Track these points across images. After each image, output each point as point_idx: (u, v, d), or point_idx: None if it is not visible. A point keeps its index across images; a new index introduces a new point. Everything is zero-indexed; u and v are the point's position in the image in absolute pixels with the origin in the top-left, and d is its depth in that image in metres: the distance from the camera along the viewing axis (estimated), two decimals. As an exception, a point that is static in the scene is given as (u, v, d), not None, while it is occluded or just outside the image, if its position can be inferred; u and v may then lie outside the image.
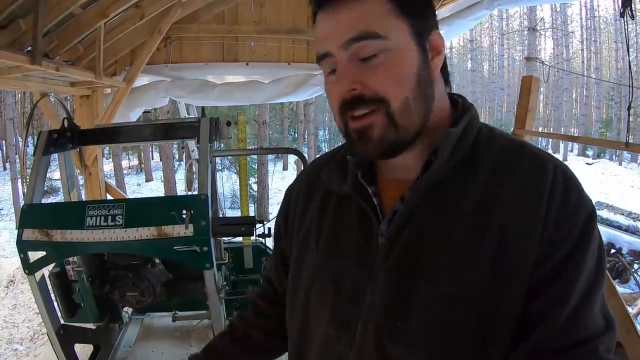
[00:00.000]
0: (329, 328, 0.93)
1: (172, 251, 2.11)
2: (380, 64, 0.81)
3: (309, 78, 5.14)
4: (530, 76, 3.91)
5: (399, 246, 0.86)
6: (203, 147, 2.33)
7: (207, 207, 2.13)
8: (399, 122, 0.83)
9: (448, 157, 0.84)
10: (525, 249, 0.77)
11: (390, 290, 0.85)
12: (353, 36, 0.80)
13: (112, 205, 2.20)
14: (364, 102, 0.82)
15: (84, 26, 3.53)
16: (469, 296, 0.79)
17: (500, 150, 0.87)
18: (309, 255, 1.01)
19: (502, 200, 0.81)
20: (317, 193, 1.05)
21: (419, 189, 0.86)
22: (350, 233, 0.94)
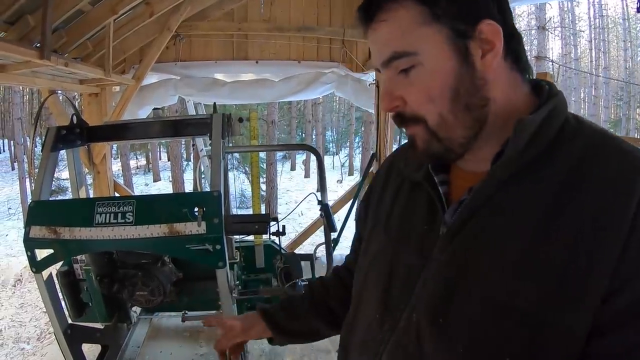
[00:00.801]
0: (377, 310, 0.93)
1: (184, 249, 2.06)
2: (416, 79, 0.80)
3: (319, 76, 5.12)
4: (545, 73, 3.84)
5: (459, 240, 0.81)
6: (216, 143, 2.28)
7: (220, 204, 2.07)
8: (440, 135, 0.81)
9: (523, 148, 0.77)
10: (597, 273, 0.67)
11: (441, 284, 0.81)
12: (385, 59, 0.82)
13: (122, 202, 2.14)
14: (404, 119, 0.84)
15: (93, 23, 3.53)
16: (523, 309, 0.71)
17: (585, 147, 0.76)
18: (376, 236, 1.02)
19: (577, 210, 0.71)
20: (395, 178, 1.06)
21: (488, 182, 0.79)
22: (416, 219, 0.92)
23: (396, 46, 0.79)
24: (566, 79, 30.85)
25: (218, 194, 2.09)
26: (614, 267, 0.66)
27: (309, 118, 22.02)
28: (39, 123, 3.80)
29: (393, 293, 0.90)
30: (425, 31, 0.78)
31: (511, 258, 0.73)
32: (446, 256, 0.82)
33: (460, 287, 0.78)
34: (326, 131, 29.70)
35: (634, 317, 0.66)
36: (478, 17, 0.78)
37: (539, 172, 0.76)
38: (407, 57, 0.79)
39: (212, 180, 2.15)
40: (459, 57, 0.78)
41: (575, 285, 0.68)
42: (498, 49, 0.79)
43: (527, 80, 0.86)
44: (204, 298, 2.70)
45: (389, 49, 0.80)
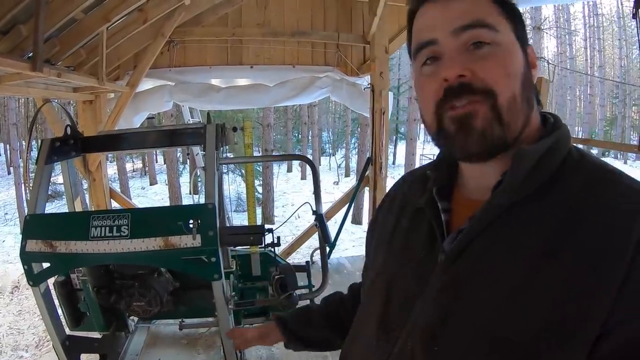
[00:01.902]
0: (375, 331, 0.92)
1: (180, 262, 2.06)
2: (492, 55, 0.78)
3: (314, 80, 5.13)
4: (541, 77, 3.84)
5: (456, 268, 0.80)
6: (209, 154, 2.27)
7: (214, 217, 2.07)
8: (505, 118, 0.77)
9: (523, 179, 0.77)
10: (591, 311, 0.66)
11: (436, 311, 0.80)
12: (468, 23, 0.78)
13: (117, 216, 2.14)
14: (471, 91, 0.77)
15: (86, 31, 3.51)
16: (514, 338, 0.70)
17: (586, 181, 0.76)
18: (378, 258, 1.03)
19: (575, 243, 0.70)
20: (400, 202, 1.06)
21: (488, 211, 0.79)
22: (416, 245, 0.92)
23: (483, 16, 0.79)
24: (562, 77, 30.95)
25: (212, 207, 2.09)
26: (609, 307, 0.64)
27: (305, 120, 22.00)
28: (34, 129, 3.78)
29: (390, 317, 0.89)
30: (502, 21, 0.80)
31: (506, 289, 0.73)
32: (442, 284, 0.81)
33: (454, 315, 0.77)
34: (322, 132, 29.68)
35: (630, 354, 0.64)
36: (526, 40, 0.84)
37: (539, 205, 0.76)
38: (490, 30, 0.78)
39: (206, 191, 2.14)
40: (523, 55, 0.82)
41: (570, 321, 0.67)
42: (537, 70, 0.85)
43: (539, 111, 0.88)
44: (201, 306, 2.69)
45: (474, 15, 0.78)
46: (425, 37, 0.82)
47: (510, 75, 0.78)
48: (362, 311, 1.04)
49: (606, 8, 33.63)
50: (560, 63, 29.07)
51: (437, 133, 0.84)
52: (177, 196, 14.68)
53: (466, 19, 0.78)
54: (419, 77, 0.85)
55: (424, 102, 0.85)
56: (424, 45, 0.82)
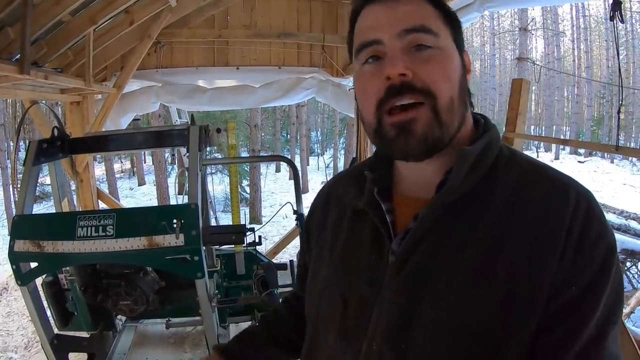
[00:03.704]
0: (336, 341, 0.92)
1: (163, 261, 2.11)
2: (432, 58, 0.81)
3: (299, 82, 5.15)
4: (521, 79, 3.91)
5: (409, 266, 0.83)
6: (192, 155, 2.31)
7: (197, 217, 2.12)
8: (443, 119, 0.81)
9: (464, 178, 0.82)
10: (539, 282, 0.74)
11: (397, 310, 0.83)
12: (412, 27, 0.81)
13: (102, 216, 2.18)
14: (413, 90, 0.80)
15: (73, 33, 3.52)
16: (476, 326, 0.76)
17: (519, 175, 0.84)
18: (322, 268, 1.01)
19: (517, 230, 0.78)
20: (335, 207, 1.06)
21: (433, 209, 0.83)
22: (362, 249, 0.93)
23: (426, 21, 0.82)
24: (549, 78, 31.13)
25: (195, 207, 2.13)
26: (553, 276, 0.74)
27: (293, 120, 21.96)
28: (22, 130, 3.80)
29: (350, 324, 0.90)
30: (442, 26, 0.84)
31: (460, 280, 0.78)
32: (397, 284, 0.84)
33: (414, 312, 0.81)
34: (311, 132, 29.63)
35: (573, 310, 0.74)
36: (462, 45, 0.89)
37: (480, 199, 0.82)
38: (433, 35, 0.82)
39: (189, 192, 2.19)
40: (460, 60, 0.87)
41: (523, 299, 0.74)
42: (470, 76, 0.90)
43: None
44: (187, 305, 2.72)
45: (418, 20, 0.81)
46: (370, 36, 0.84)
47: (449, 79, 0.82)
48: (316, 324, 1.01)
49: (594, 9, 33.87)
50: (547, 64, 29.22)
51: (376, 133, 0.86)
52: (165, 196, 14.60)
53: (410, 22, 0.81)
54: (360, 75, 0.88)
55: (365, 100, 0.87)
56: (367, 45, 0.84)
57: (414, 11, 0.82)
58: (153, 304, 2.65)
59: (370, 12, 0.86)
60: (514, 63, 30.15)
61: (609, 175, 22.56)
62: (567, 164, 25.93)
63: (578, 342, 0.74)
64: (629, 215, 8.99)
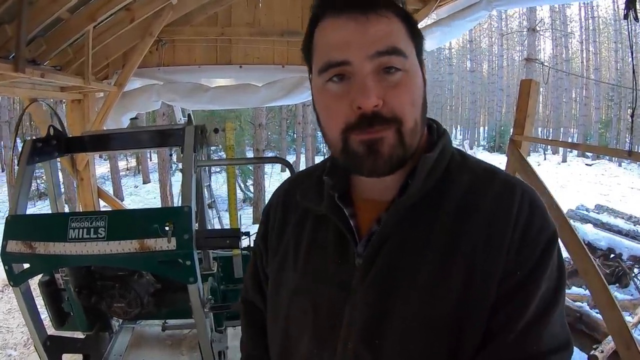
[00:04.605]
0: (311, 346, 0.94)
1: (155, 265, 2.07)
2: (401, 83, 0.82)
3: (303, 81, 5.09)
4: (530, 80, 3.80)
5: (376, 267, 0.87)
6: (187, 156, 2.27)
7: (190, 220, 2.07)
8: (406, 142, 0.84)
9: (423, 181, 0.87)
10: (492, 272, 0.81)
11: (368, 310, 0.86)
12: (384, 49, 0.80)
13: (94, 217, 2.14)
14: (381, 120, 0.81)
15: (73, 30, 3.48)
16: (441, 316, 0.82)
17: (471, 178, 0.90)
18: (287, 277, 1.01)
19: (471, 227, 0.84)
20: (293, 212, 1.06)
21: (396, 212, 0.88)
22: (327, 254, 0.95)
23: (397, 42, 0.82)
24: (557, 79, 31.01)
25: (189, 209, 2.09)
26: (503, 261, 0.81)
27: (299, 119, 21.91)
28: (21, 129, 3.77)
29: (323, 327, 0.92)
30: (409, 44, 0.85)
31: (424, 277, 0.84)
32: (366, 285, 0.88)
33: (385, 311, 0.85)
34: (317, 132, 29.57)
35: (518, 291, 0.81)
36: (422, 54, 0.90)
37: (436, 201, 0.88)
38: (403, 57, 0.82)
39: (183, 194, 2.14)
40: (422, 76, 0.89)
41: (479, 292, 0.81)
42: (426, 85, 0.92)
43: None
44: (183, 308, 2.67)
45: (390, 42, 0.81)
46: (338, 56, 0.82)
47: (414, 104, 0.84)
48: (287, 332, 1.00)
49: (602, 11, 33.72)
50: (555, 65, 29.11)
51: (342, 151, 0.86)
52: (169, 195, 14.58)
53: (382, 44, 0.80)
54: (324, 93, 0.86)
55: (329, 120, 0.87)
56: (335, 65, 0.83)
57: (385, 31, 0.81)
58: (148, 307, 2.61)
59: (337, 27, 0.83)
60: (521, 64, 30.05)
61: (617, 178, 22.44)
62: (575, 166, 25.85)
63: (523, 319, 0.80)
64: (638, 221, 8.85)
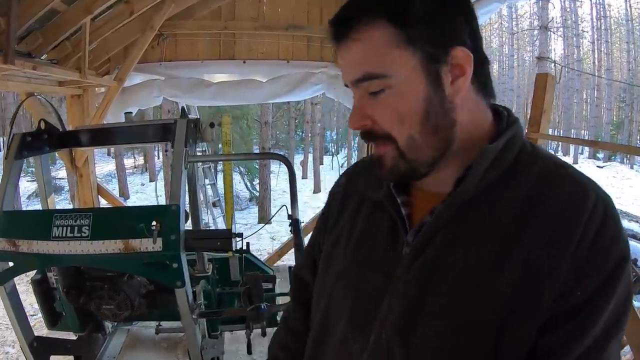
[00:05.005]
0: (346, 329, 0.94)
1: (140, 267, 1.96)
2: (386, 101, 0.81)
3: (309, 76, 5.00)
4: (546, 74, 3.65)
5: (422, 259, 0.84)
6: (177, 151, 2.14)
7: (178, 219, 1.95)
8: (407, 156, 0.83)
9: (482, 174, 0.82)
10: (549, 282, 0.74)
11: (406, 303, 0.84)
12: (357, 77, 0.82)
13: (79, 215, 2.03)
14: (374, 137, 0.85)
15: (69, 23, 3.40)
16: (484, 322, 0.77)
17: (539, 174, 0.82)
18: (337, 257, 1.01)
19: (532, 229, 0.77)
20: (353, 197, 1.06)
21: (450, 205, 0.84)
22: (377, 240, 0.94)
23: (368, 67, 0.80)
24: (568, 80, 30.72)
25: (177, 208, 1.97)
26: (562, 276, 0.74)
27: (307, 118, 21.84)
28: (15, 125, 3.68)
29: (360, 313, 0.91)
30: (398, 54, 0.79)
31: (473, 274, 0.79)
32: (410, 276, 0.85)
33: (425, 304, 0.82)
34: (326, 131, 29.52)
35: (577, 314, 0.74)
36: (451, 42, 0.80)
37: (498, 196, 0.82)
38: (379, 79, 0.80)
39: (172, 192, 2.02)
40: (429, 81, 0.80)
41: (531, 299, 0.75)
42: (468, 75, 0.81)
43: (489, 106, 0.90)
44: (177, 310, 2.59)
45: (361, 70, 0.81)
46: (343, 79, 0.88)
47: (403, 121, 0.81)
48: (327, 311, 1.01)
49: (614, 11, 33.38)
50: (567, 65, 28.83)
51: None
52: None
53: (356, 73, 0.82)
54: None
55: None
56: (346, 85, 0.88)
57: (358, 56, 0.81)
58: (140, 309, 2.51)
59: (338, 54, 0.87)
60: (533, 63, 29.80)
61: (629, 181, 22.26)
62: (586, 168, 25.59)
63: (578, 347, 0.74)
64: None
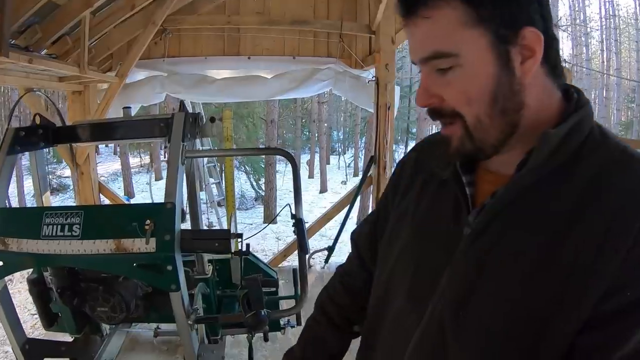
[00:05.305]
0: (405, 300, 0.97)
1: (132, 269, 1.85)
2: (454, 80, 0.81)
3: (315, 73, 4.91)
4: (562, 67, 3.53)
5: (481, 241, 0.85)
6: (174, 146, 2.01)
7: (173, 219, 1.82)
8: (474, 136, 0.83)
9: (545, 159, 0.80)
10: (598, 278, 0.72)
11: (461, 280, 0.86)
12: (425, 56, 0.82)
13: (70, 213, 1.92)
14: (442, 115, 0.85)
15: (68, 16, 3.37)
16: (530, 311, 0.77)
17: (604, 162, 0.80)
18: (402, 230, 1.04)
19: (589, 219, 0.76)
20: (422, 173, 1.07)
21: (510, 189, 0.83)
22: (442, 217, 0.95)
23: (438, 45, 0.80)
24: (577, 80, 30.42)
25: (172, 206, 1.84)
26: (613, 272, 0.71)
27: (314, 117, 21.73)
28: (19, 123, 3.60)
29: (420, 286, 0.94)
30: (468, 33, 0.79)
31: (527, 262, 0.78)
32: (467, 256, 0.86)
33: (478, 284, 0.83)
34: (333, 131, 29.40)
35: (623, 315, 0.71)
36: (521, 23, 0.79)
37: (559, 182, 0.81)
38: (448, 57, 0.80)
39: (167, 189, 1.90)
40: (499, 62, 0.80)
41: (578, 290, 0.73)
42: (538, 56, 0.80)
43: (559, 87, 0.87)
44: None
45: (431, 47, 0.81)
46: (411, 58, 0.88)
47: (471, 100, 0.81)
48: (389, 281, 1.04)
49: (623, 10, 33.11)
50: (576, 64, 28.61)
51: None
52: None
53: (423, 51, 0.82)
54: None
55: None
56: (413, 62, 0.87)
57: (427, 34, 0.81)
58: (136, 311, 2.40)
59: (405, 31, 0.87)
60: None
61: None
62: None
63: (620, 350, 0.71)
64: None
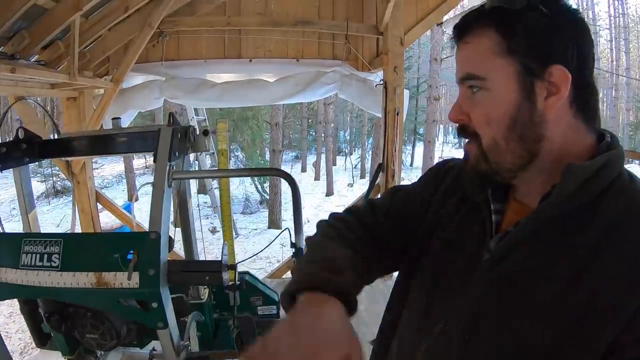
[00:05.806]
0: (417, 314, 0.99)
1: (116, 305, 1.67)
2: (480, 101, 0.86)
3: (319, 76, 4.73)
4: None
5: (497, 270, 0.86)
6: (160, 166, 1.80)
7: (157, 250, 1.63)
8: (489, 157, 0.87)
9: (570, 195, 0.80)
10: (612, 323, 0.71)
11: (473, 307, 0.86)
12: (461, 76, 0.88)
13: (49, 242, 1.74)
14: (466, 132, 0.90)
15: (57, 21, 3.21)
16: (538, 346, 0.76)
17: (629, 205, 0.80)
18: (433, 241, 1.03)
19: (608, 262, 0.75)
20: (456, 193, 1.05)
21: (533, 220, 0.84)
22: (467, 239, 0.96)
23: (470, 68, 0.86)
24: (585, 78, 30.24)
25: (157, 237, 1.64)
26: (626, 322, 0.70)
27: (320, 118, 21.53)
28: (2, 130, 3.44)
29: (434, 302, 0.95)
30: (498, 61, 0.83)
31: (539, 298, 0.78)
32: (482, 283, 0.87)
33: (487, 314, 0.83)
34: (340, 132, 29.19)
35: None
36: (550, 59, 0.81)
37: (582, 221, 0.80)
38: (477, 80, 0.85)
39: (151, 216, 1.70)
40: (522, 92, 0.83)
41: (591, 331, 0.72)
42: (562, 94, 0.82)
43: (592, 130, 0.87)
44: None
45: (465, 69, 0.87)
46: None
47: (490, 122, 0.85)
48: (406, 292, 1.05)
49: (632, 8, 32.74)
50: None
51: None
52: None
53: (461, 72, 0.88)
54: None
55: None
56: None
57: (467, 57, 0.87)
58: (128, 336, 2.24)
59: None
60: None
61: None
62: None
63: None
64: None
